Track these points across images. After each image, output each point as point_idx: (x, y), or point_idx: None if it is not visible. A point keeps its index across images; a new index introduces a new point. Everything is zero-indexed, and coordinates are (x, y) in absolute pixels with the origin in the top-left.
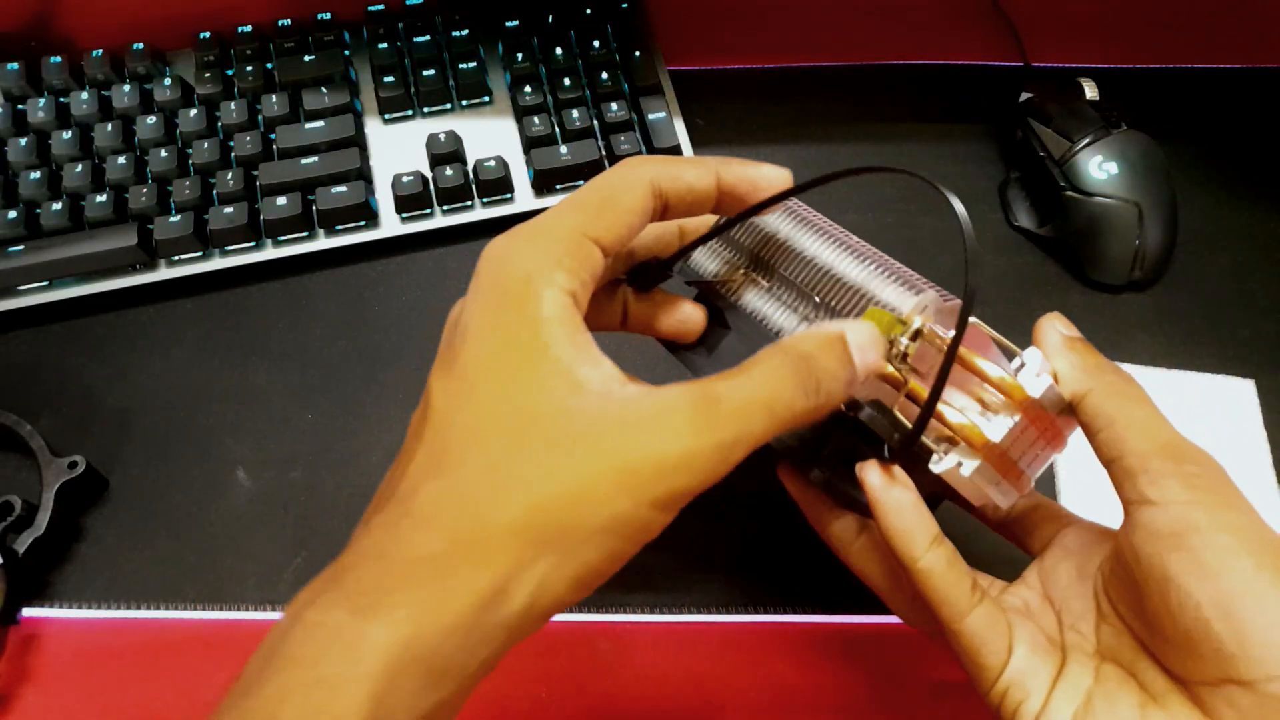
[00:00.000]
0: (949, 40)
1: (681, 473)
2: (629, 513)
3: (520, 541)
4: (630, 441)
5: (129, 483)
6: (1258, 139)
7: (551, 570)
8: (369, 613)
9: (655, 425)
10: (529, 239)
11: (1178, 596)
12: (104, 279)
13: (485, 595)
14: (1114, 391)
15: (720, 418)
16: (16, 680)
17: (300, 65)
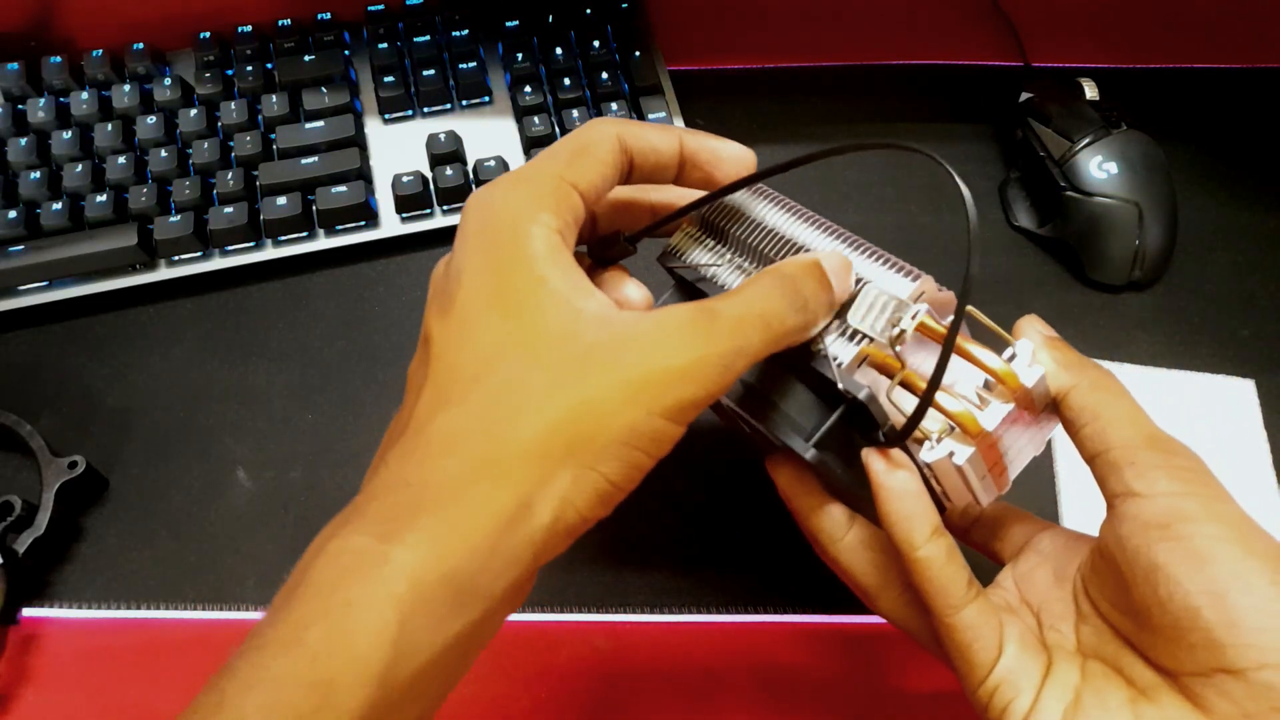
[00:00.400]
0: (949, 40)
1: (688, 383)
2: (642, 422)
3: (539, 457)
4: (638, 355)
5: (129, 483)
6: (1258, 139)
7: (572, 484)
8: (393, 537)
9: (660, 338)
10: (512, 184)
11: (1167, 585)
12: (104, 279)
13: (508, 513)
14: (1097, 386)
15: (719, 330)
16: (16, 680)
17: (300, 65)
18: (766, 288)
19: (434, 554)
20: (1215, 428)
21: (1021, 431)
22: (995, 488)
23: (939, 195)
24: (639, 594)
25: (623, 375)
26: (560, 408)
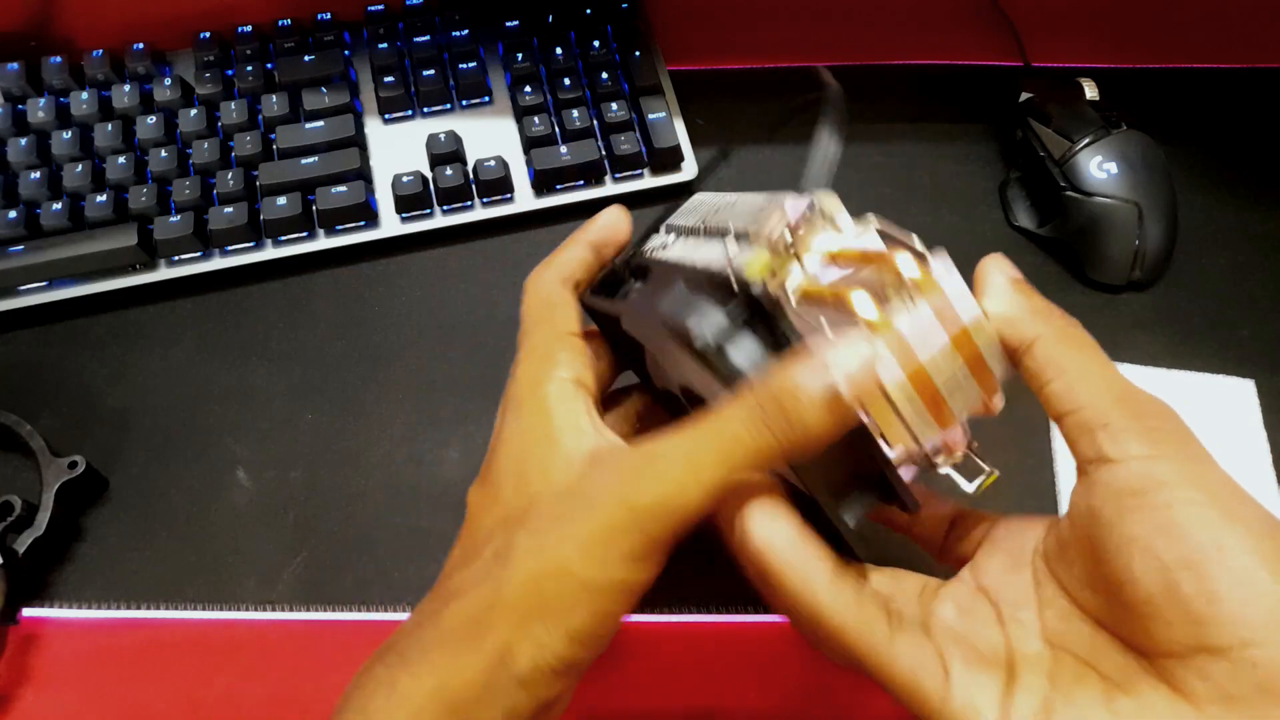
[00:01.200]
0: (949, 41)
1: (633, 532)
2: (599, 576)
3: (519, 613)
4: (588, 515)
5: (129, 483)
6: (1258, 139)
7: (544, 634)
8: (409, 668)
9: (603, 496)
10: (528, 354)
11: (1142, 558)
12: (104, 279)
13: (494, 656)
14: (1064, 338)
15: (654, 477)
16: (16, 680)
17: (300, 65)
18: (731, 412)
19: (437, 683)
20: (1215, 428)
21: (959, 368)
22: (937, 425)
23: (939, 195)
24: None
25: (578, 533)
26: (534, 569)
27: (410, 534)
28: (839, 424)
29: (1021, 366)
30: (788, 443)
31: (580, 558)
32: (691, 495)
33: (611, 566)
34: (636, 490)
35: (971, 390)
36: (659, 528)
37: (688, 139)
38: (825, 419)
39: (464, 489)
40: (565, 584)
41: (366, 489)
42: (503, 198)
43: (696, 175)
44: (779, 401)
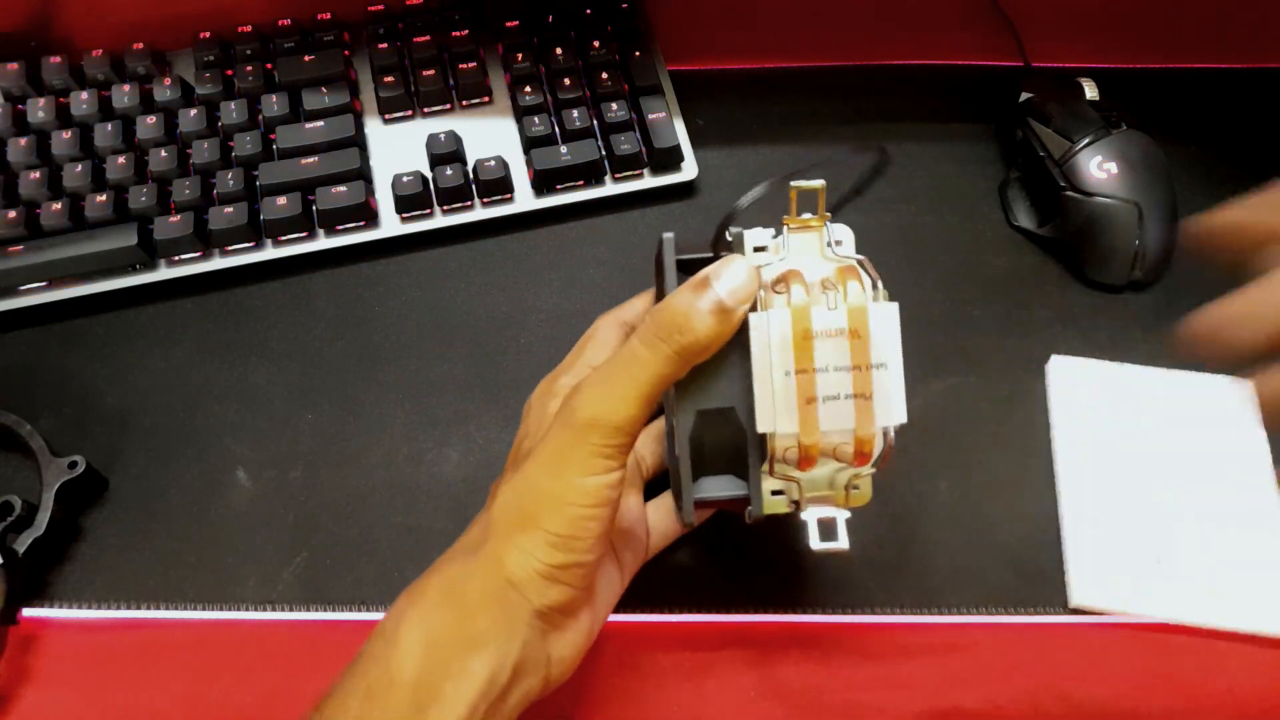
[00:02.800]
0: (949, 41)
1: (578, 445)
2: (560, 484)
3: (501, 526)
4: (544, 442)
5: (129, 483)
6: (1258, 139)
7: (527, 541)
8: (420, 578)
9: (553, 425)
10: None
11: None
12: (104, 279)
13: (489, 563)
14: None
15: (580, 401)
16: (16, 680)
17: (300, 65)
18: (633, 338)
19: (440, 580)
20: (1215, 428)
21: (845, 381)
22: (798, 418)
23: (939, 195)
24: (638, 594)
25: (541, 456)
26: (510, 493)
27: (410, 534)
28: (721, 327)
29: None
30: (681, 349)
31: (543, 473)
32: (618, 409)
33: (569, 474)
34: (575, 412)
35: (846, 415)
36: (599, 437)
37: (688, 139)
38: (709, 323)
39: (464, 488)
40: (535, 496)
41: (367, 489)
42: (503, 198)
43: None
44: (670, 314)
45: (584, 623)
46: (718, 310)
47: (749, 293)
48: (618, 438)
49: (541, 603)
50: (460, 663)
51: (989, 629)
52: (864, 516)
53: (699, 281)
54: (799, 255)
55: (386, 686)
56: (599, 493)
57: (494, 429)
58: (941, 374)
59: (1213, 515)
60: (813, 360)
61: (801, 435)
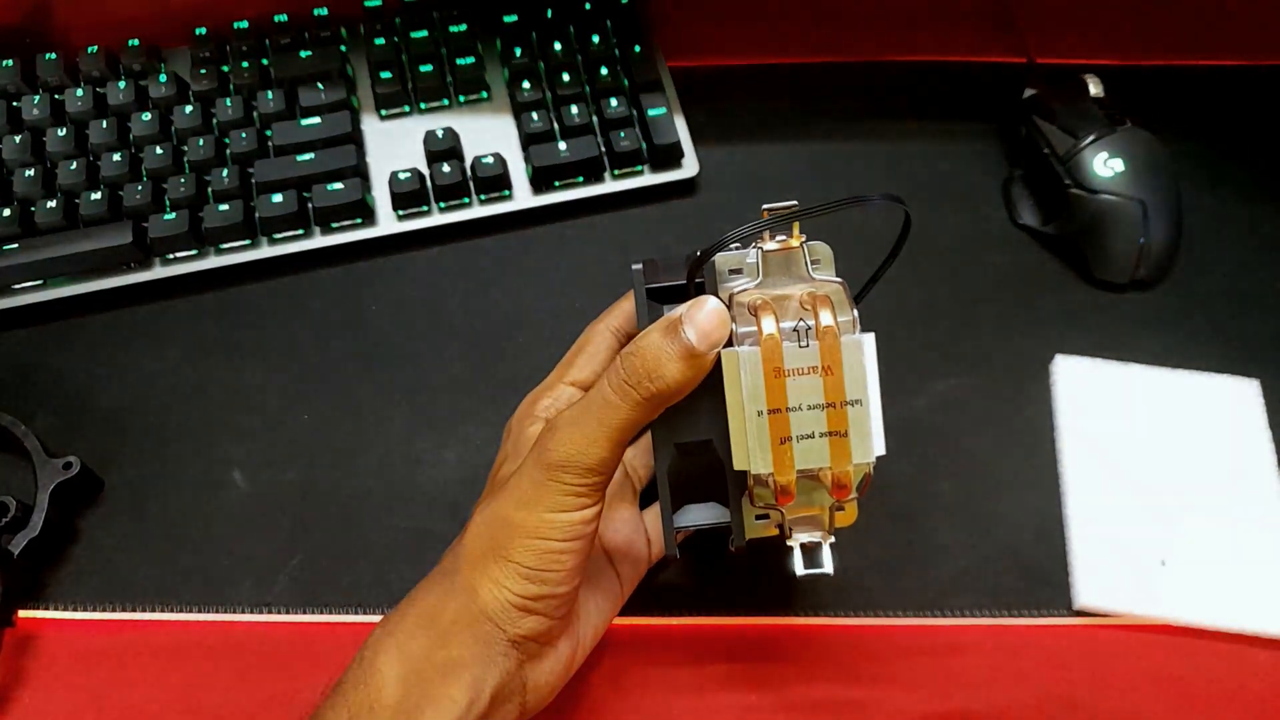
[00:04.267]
0: (952, 37)
1: (551, 484)
2: (531, 518)
3: (474, 556)
4: (518, 477)
5: (124, 483)
6: (1263, 137)
7: (499, 572)
8: (397, 608)
9: (526, 462)
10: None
11: None
12: (99, 278)
13: (463, 592)
14: None
15: (554, 442)
16: (12, 682)
17: (296, 61)
18: (603, 382)
19: (417, 609)
20: (1219, 428)
21: (820, 421)
22: (771, 449)
23: (942, 192)
24: (639, 595)
25: (514, 490)
26: (482, 524)
27: (407, 535)
28: (691, 372)
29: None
30: (651, 396)
31: (514, 506)
32: (588, 452)
33: (540, 509)
34: (547, 453)
35: (820, 453)
36: (571, 478)
37: (688, 135)
38: (679, 369)
39: (462, 489)
40: (506, 528)
41: (363, 490)
42: (501, 195)
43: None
44: (640, 361)
45: (563, 651)
46: (687, 356)
47: (720, 336)
48: (589, 478)
49: (515, 632)
50: (439, 688)
51: (993, 631)
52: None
53: (669, 325)
54: (776, 277)
55: (368, 712)
56: (571, 528)
57: (492, 430)
58: (945, 373)
59: (1219, 516)
60: (785, 399)
61: (776, 475)
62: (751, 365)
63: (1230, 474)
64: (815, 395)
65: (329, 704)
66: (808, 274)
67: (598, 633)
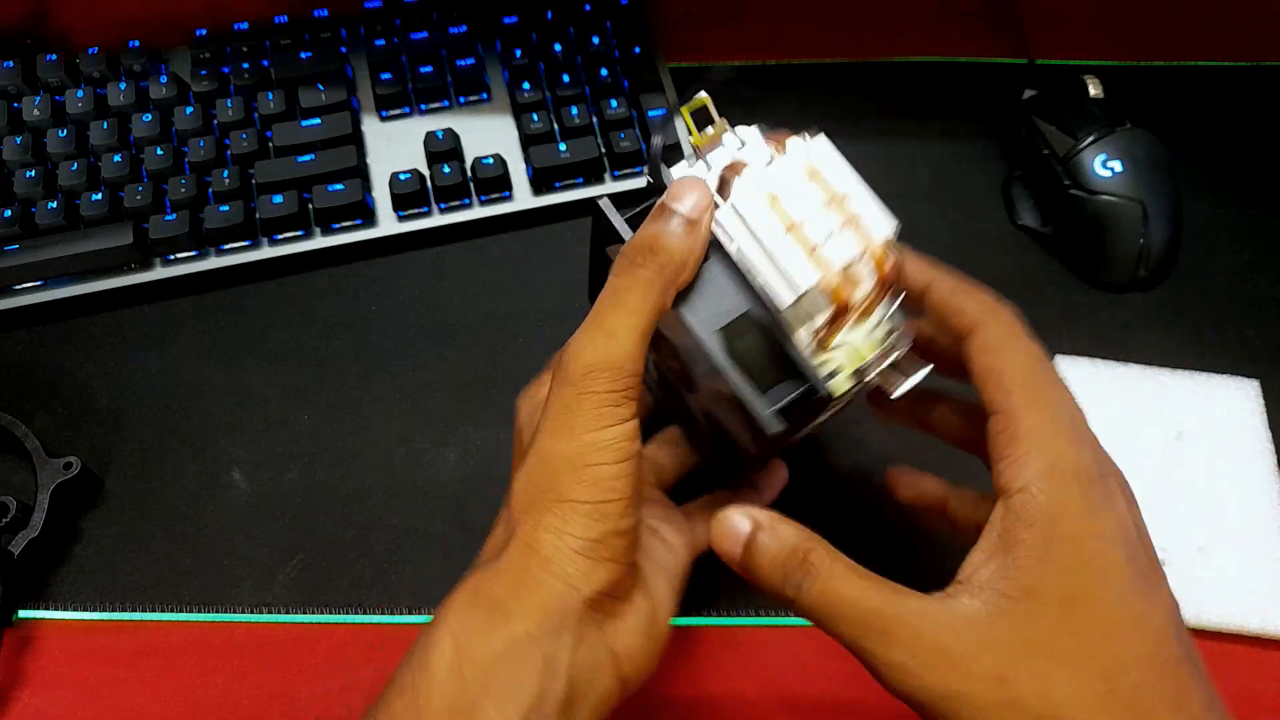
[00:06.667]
0: (952, 37)
1: (581, 397)
2: (571, 445)
3: (525, 512)
4: (545, 410)
5: (124, 484)
6: (1264, 137)
7: (553, 519)
8: (454, 588)
9: (551, 388)
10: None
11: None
12: (99, 278)
13: (522, 551)
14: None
15: (577, 348)
16: (12, 683)
17: (296, 62)
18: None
19: (470, 585)
20: (1219, 428)
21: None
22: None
23: (942, 193)
24: None
25: (544, 426)
26: (524, 473)
27: (408, 535)
28: (691, 238)
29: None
30: (660, 268)
31: (553, 441)
32: (614, 348)
33: (580, 433)
34: (570, 365)
35: (849, 243)
36: (603, 383)
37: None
38: (681, 237)
39: (462, 489)
40: (551, 467)
41: (364, 490)
42: (501, 196)
43: None
44: (640, 242)
45: (641, 608)
46: (685, 224)
47: (707, 200)
48: (622, 379)
49: (589, 588)
50: (502, 677)
51: None
52: (867, 518)
53: (655, 212)
54: (719, 166)
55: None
56: (617, 446)
57: (492, 429)
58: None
59: (1218, 516)
60: (792, 215)
61: (823, 280)
62: (748, 200)
63: (1230, 474)
64: (814, 199)
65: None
66: (744, 153)
67: (669, 602)
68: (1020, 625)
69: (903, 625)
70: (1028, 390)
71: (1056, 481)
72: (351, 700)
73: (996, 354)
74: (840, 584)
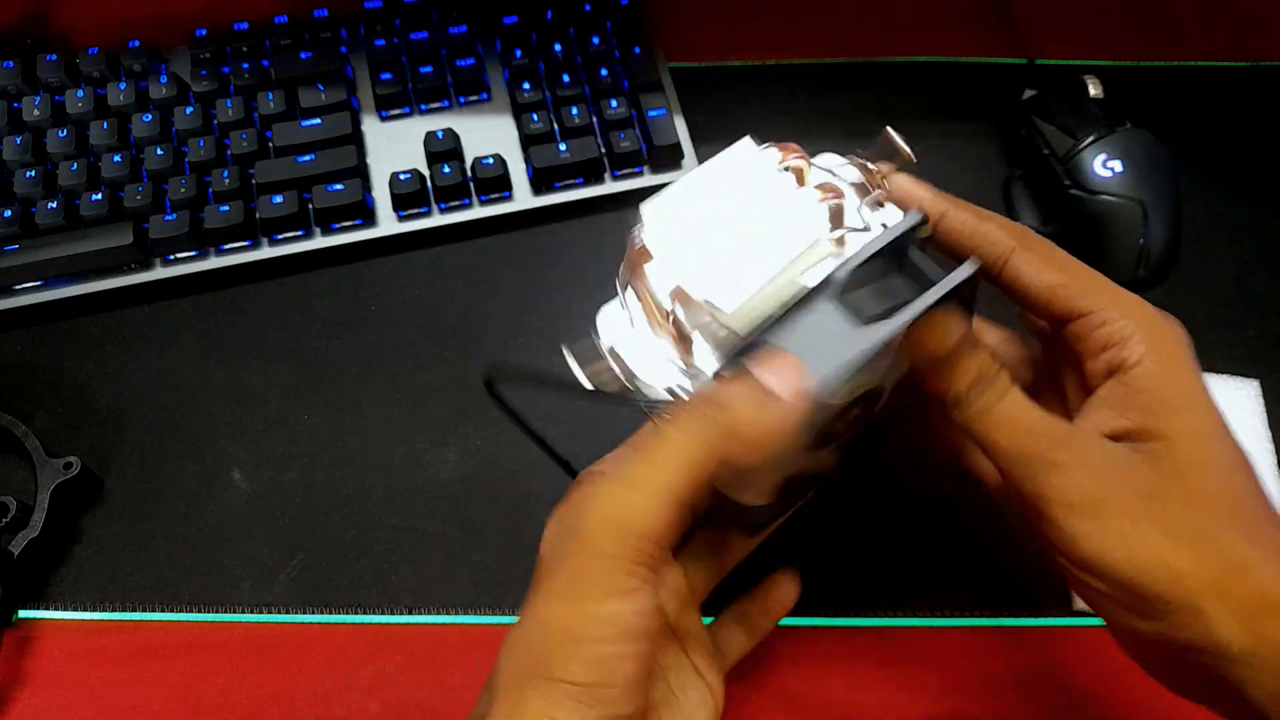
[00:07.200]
0: (952, 37)
1: (602, 559)
2: (573, 617)
3: (509, 690)
4: (548, 569)
5: (124, 484)
6: (1263, 137)
7: (543, 700)
8: None
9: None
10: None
11: None
12: (99, 278)
13: None
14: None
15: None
16: (12, 683)
17: (297, 62)
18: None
19: None
20: None
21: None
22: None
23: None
24: None
25: (548, 587)
26: (517, 638)
27: (408, 535)
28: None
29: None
30: (722, 427)
31: (552, 605)
32: (640, 508)
33: (585, 601)
34: (586, 520)
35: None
36: (615, 545)
37: (688, 136)
38: (753, 406)
39: (462, 490)
40: (545, 636)
41: (363, 490)
42: (501, 196)
43: None
44: (699, 396)
45: None
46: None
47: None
48: (645, 548)
49: None
50: None
51: (993, 631)
52: (866, 519)
53: (742, 374)
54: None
55: None
56: (626, 622)
57: (492, 430)
58: None
59: None
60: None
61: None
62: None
63: None
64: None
65: None
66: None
67: None
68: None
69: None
70: (1105, 291)
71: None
72: (351, 700)
73: (1054, 268)
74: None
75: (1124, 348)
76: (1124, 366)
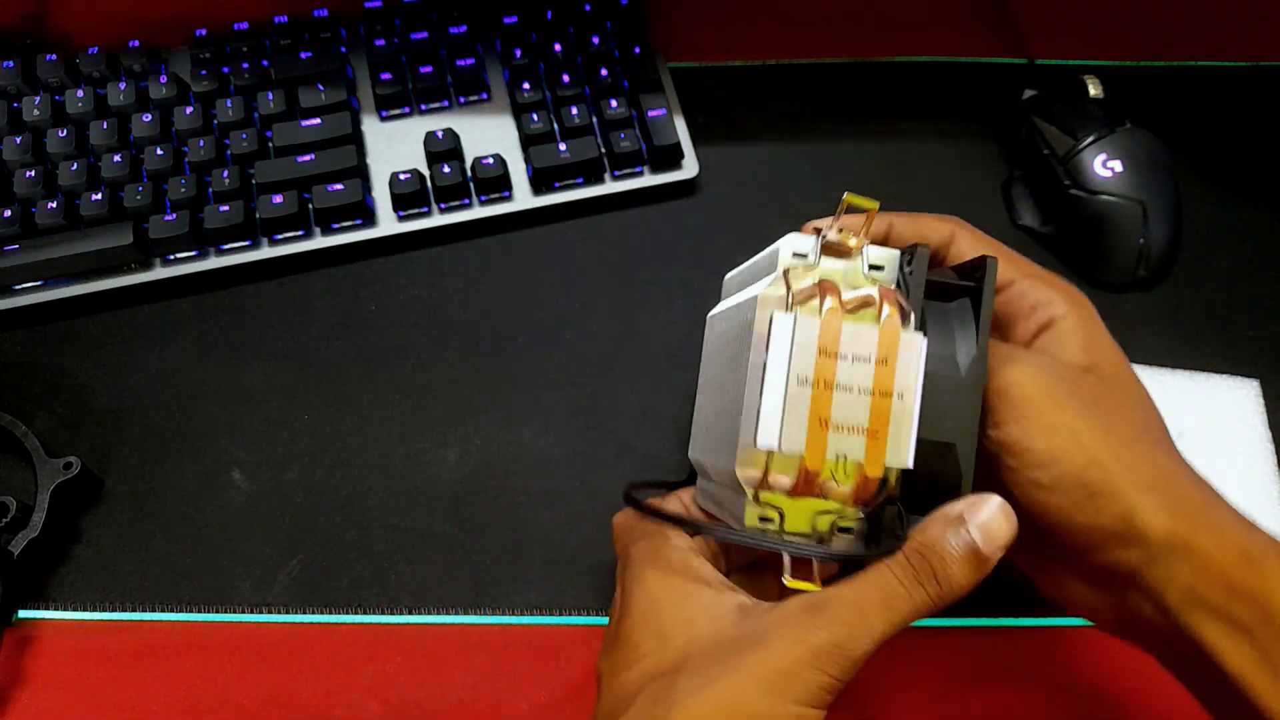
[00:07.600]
0: (952, 37)
1: (809, 669)
2: (777, 710)
3: None
4: (763, 654)
5: (124, 484)
6: (1264, 137)
7: None
8: None
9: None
10: (638, 540)
11: None
12: (99, 278)
13: None
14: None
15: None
16: (12, 683)
17: (297, 62)
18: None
19: None
20: (1219, 428)
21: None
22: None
23: (941, 193)
24: None
25: (757, 668)
26: (705, 704)
27: (408, 535)
28: (976, 576)
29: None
30: (939, 598)
31: (758, 693)
32: (861, 640)
33: (788, 701)
34: (812, 630)
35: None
36: (834, 667)
37: (688, 136)
38: (964, 571)
39: (462, 489)
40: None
41: (363, 490)
42: (501, 196)
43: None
44: (927, 554)
45: None
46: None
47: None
48: (848, 673)
49: None
50: None
51: (993, 631)
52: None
53: (953, 519)
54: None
55: None
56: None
57: (492, 429)
58: None
59: None
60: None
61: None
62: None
63: (1230, 474)
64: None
65: None
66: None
67: None
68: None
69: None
70: (1027, 265)
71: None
72: (351, 700)
73: (987, 245)
74: None
75: (1052, 307)
76: (1052, 322)
